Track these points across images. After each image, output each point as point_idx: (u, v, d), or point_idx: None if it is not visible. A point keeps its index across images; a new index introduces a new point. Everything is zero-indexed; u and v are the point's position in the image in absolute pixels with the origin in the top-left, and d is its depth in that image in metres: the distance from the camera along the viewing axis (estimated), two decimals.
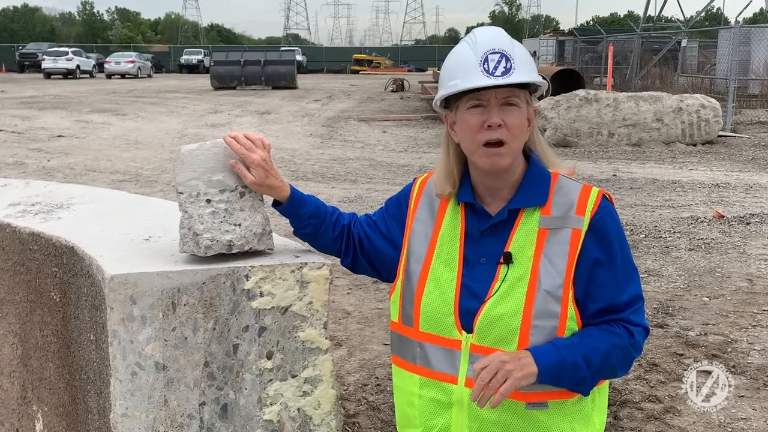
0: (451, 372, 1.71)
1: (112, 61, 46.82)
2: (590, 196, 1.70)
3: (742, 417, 3.92)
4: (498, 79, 1.61)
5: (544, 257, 1.66)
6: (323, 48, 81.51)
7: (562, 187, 1.72)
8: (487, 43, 1.65)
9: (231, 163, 1.82)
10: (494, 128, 1.63)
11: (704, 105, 14.57)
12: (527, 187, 1.72)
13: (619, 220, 1.75)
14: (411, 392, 1.79)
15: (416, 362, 1.77)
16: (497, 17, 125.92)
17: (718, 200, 9.43)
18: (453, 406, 1.72)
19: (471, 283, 1.71)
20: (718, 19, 45.20)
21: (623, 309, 1.68)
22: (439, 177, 1.79)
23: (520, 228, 1.70)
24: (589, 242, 1.67)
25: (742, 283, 6.17)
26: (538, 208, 1.70)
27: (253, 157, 1.81)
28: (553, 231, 1.68)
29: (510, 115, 1.65)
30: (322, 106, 24.39)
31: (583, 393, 1.67)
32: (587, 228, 1.67)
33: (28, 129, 17.47)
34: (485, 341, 1.67)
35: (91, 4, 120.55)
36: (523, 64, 1.65)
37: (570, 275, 1.65)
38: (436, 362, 1.73)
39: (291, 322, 1.89)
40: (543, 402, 1.67)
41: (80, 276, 2.03)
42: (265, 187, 1.84)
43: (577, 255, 1.66)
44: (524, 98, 1.68)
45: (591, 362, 1.63)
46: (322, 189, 10.38)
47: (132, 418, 1.81)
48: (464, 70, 1.65)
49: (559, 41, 37.47)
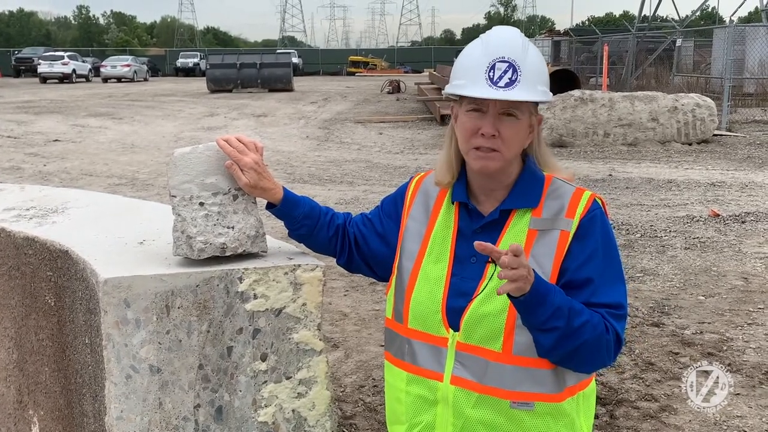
0: (436, 369, 1.73)
1: (108, 65, 46.81)
2: (581, 200, 1.71)
3: (737, 415, 3.94)
4: (499, 91, 1.62)
5: (531, 258, 1.67)
6: (319, 50, 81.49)
7: (555, 189, 1.73)
8: (498, 48, 1.65)
9: (226, 164, 1.83)
10: (487, 137, 1.64)
11: (699, 104, 14.60)
12: (520, 189, 1.73)
13: (609, 225, 1.74)
14: (399, 388, 1.81)
15: (404, 359, 1.79)
16: (493, 18, 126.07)
17: (714, 199, 9.45)
18: (438, 403, 1.73)
19: (460, 282, 1.72)
20: (712, 18, 45.28)
21: (599, 308, 1.65)
22: (439, 166, 1.82)
23: (510, 228, 1.71)
24: (575, 244, 1.67)
25: (737, 281, 6.19)
26: (529, 210, 1.71)
27: (246, 160, 1.82)
28: (542, 232, 1.69)
29: (506, 125, 1.65)
30: (318, 109, 24.40)
31: (545, 344, 1.61)
32: (575, 230, 1.68)
33: (24, 134, 17.46)
34: (471, 339, 1.68)
35: (86, 8, 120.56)
36: (532, 76, 1.64)
37: (555, 276, 1.66)
38: (423, 359, 1.75)
39: (285, 323, 1.90)
40: (529, 402, 1.67)
41: (75, 280, 2.03)
42: (259, 190, 1.85)
43: (563, 256, 1.67)
44: (527, 109, 1.68)
45: (570, 320, 1.58)
46: (319, 191, 10.38)
47: (127, 421, 1.82)
48: (471, 72, 1.66)
49: (555, 42, 37.48)
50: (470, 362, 1.69)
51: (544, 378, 1.67)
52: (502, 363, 1.66)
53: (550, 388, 1.68)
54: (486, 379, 1.68)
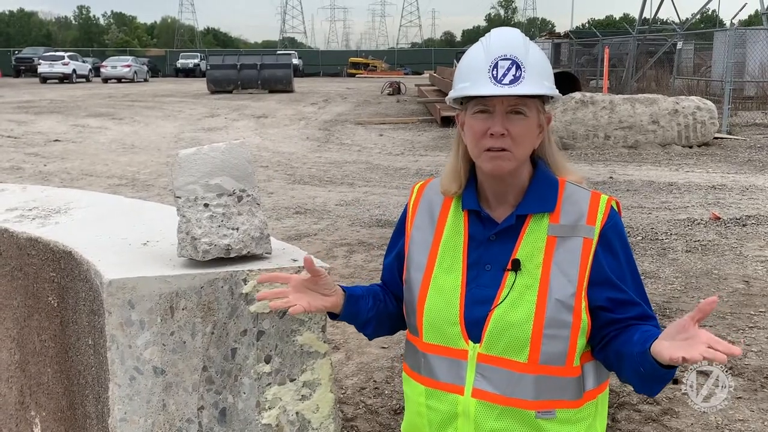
0: (456, 382, 1.67)
1: (108, 65, 46.80)
2: (600, 206, 1.67)
3: (739, 418, 3.93)
4: (504, 88, 1.59)
5: (554, 266, 1.62)
6: (319, 51, 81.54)
7: (571, 194, 1.69)
8: (499, 47, 1.62)
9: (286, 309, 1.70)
10: (497, 137, 1.61)
11: (700, 107, 14.60)
12: (535, 193, 1.68)
13: (624, 231, 1.72)
14: (419, 402, 1.75)
15: (421, 372, 1.74)
16: (493, 20, 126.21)
17: (715, 202, 9.45)
18: (459, 417, 1.68)
19: (476, 290, 1.67)
20: (713, 21, 45.32)
21: (651, 321, 1.64)
22: (446, 175, 1.77)
23: (527, 235, 1.67)
24: (600, 253, 1.64)
25: (738, 284, 6.18)
26: (546, 215, 1.67)
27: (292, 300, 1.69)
28: (562, 239, 1.64)
29: (515, 123, 1.62)
30: (318, 110, 24.39)
31: (637, 384, 1.60)
32: (597, 239, 1.64)
33: (24, 134, 17.45)
34: (494, 350, 1.63)
35: (87, 9, 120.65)
36: (536, 72, 1.61)
37: (582, 284, 1.62)
38: (441, 373, 1.69)
39: (289, 326, 1.89)
40: (551, 410, 1.64)
41: (78, 281, 2.03)
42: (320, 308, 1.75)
43: (589, 264, 1.63)
44: (534, 106, 1.65)
45: None
46: (320, 192, 10.38)
47: (130, 423, 1.81)
48: (474, 73, 1.63)
49: (555, 44, 37.49)
50: (493, 374, 1.64)
51: (567, 385, 1.64)
52: (528, 373, 1.62)
53: (571, 395, 1.65)
54: (510, 391, 1.63)
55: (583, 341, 1.65)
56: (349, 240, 7.68)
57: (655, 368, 1.49)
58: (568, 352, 1.62)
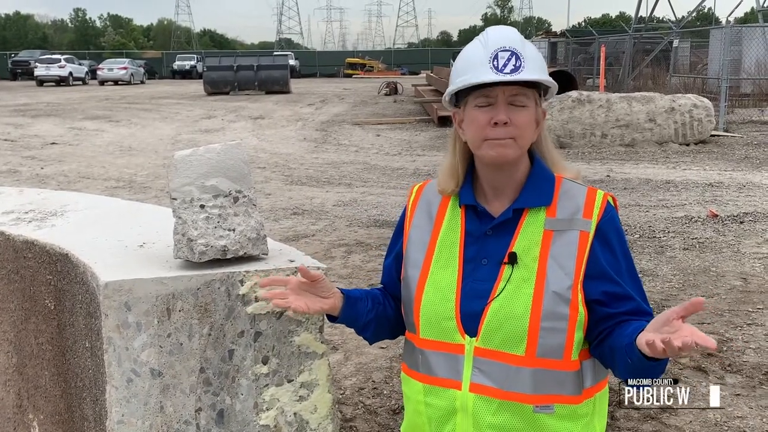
0: (454, 377, 1.68)
1: (105, 67, 46.80)
2: (596, 200, 1.69)
3: (738, 416, 3.93)
4: (506, 75, 1.61)
5: (551, 259, 1.63)
6: (316, 52, 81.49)
7: (567, 190, 1.71)
8: (498, 41, 1.65)
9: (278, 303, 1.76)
10: (500, 126, 1.62)
11: (696, 105, 14.62)
12: (532, 187, 1.70)
13: (620, 226, 1.73)
14: (417, 400, 1.76)
15: (419, 370, 1.75)
16: (489, 19, 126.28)
17: (712, 199, 9.46)
18: (458, 412, 1.68)
19: (473, 285, 1.68)
20: (709, 19, 45.36)
21: (646, 317, 1.64)
22: (443, 174, 1.78)
23: (524, 228, 1.68)
24: (597, 246, 1.65)
25: (736, 281, 6.19)
26: (542, 209, 1.68)
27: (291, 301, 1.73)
28: (558, 233, 1.66)
29: (517, 113, 1.64)
30: (315, 111, 24.39)
31: (625, 374, 1.62)
32: (594, 232, 1.66)
33: (21, 137, 17.43)
34: (491, 344, 1.64)
35: (83, 11, 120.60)
36: (534, 63, 1.65)
37: (579, 277, 1.63)
38: (438, 368, 1.70)
39: (286, 326, 1.89)
40: (549, 405, 1.64)
41: (75, 283, 2.02)
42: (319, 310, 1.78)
43: (586, 257, 1.64)
44: (533, 98, 1.67)
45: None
46: (317, 193, 10.38)
47: (128, 425, 1.81)
48: (474, 66, 1.65)
49: (552, 43, 37.53)
50: (490, 368, 1.65)
51: (565, 380, 1.65)
52: (525, 367, 1.63)
53: (570, 390, 1.66)
54: (508, 385, 1.64)
55: (581, 335, 1.65)
56: (347, 240, 7.67)
57: (642, 360, 1.50)
58: (565, 345, 1.63)
